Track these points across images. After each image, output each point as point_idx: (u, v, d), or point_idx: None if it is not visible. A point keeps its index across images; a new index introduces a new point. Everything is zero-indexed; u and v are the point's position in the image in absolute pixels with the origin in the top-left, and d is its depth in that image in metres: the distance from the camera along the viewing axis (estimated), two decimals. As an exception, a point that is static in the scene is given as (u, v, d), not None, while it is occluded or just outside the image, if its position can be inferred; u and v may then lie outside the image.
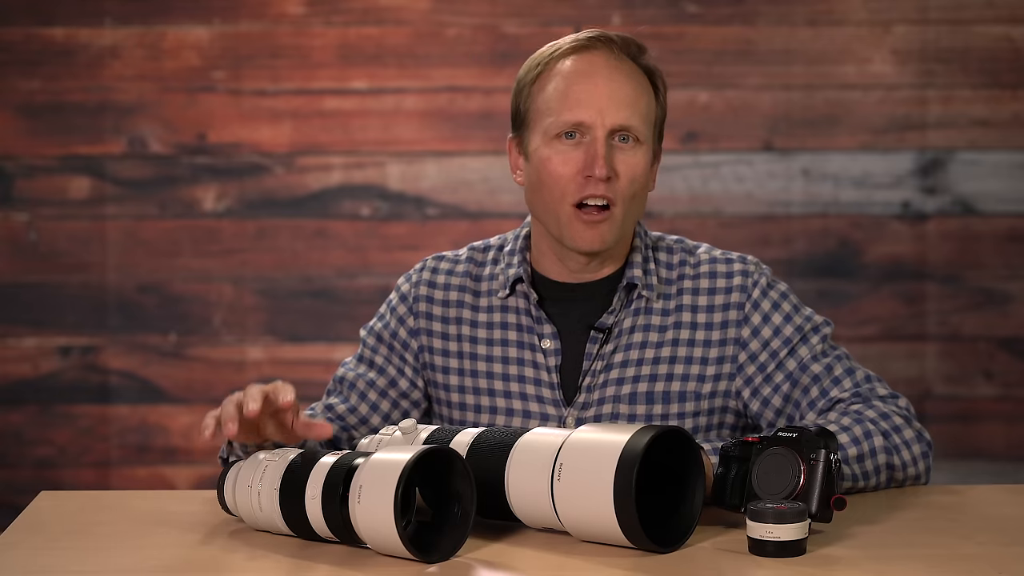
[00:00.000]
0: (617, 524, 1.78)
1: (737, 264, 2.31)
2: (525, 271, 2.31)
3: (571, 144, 2.21)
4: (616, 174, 2.20)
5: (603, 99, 2.20)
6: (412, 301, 2.36)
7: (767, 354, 2.26)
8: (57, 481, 3.86)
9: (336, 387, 2.38)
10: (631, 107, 2.21)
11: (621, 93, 2.21)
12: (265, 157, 3.88)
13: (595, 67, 2.23)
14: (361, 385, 2.35)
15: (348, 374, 2.37)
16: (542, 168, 2.23)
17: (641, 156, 2.23)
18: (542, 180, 2.23)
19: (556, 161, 2.22)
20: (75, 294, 3.89)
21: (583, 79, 2.22)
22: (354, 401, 2.35)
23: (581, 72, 2.22)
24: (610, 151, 2.20)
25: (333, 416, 2.34)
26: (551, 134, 2.22)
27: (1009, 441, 3.90)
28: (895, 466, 2.16)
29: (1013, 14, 3.85)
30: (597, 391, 2.27)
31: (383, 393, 2.35)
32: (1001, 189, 3.87)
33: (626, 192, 2.21)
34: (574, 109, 2.21)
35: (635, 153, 2.22)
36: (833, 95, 3.87)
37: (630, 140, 2.22)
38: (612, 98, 2.21)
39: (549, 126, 2.22)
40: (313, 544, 1.89)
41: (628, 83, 2.23)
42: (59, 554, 1.90)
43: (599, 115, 2.20)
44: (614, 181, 2.20)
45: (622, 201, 2.21)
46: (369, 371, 2.36)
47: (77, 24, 3.86)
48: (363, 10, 3.86)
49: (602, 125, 2.20)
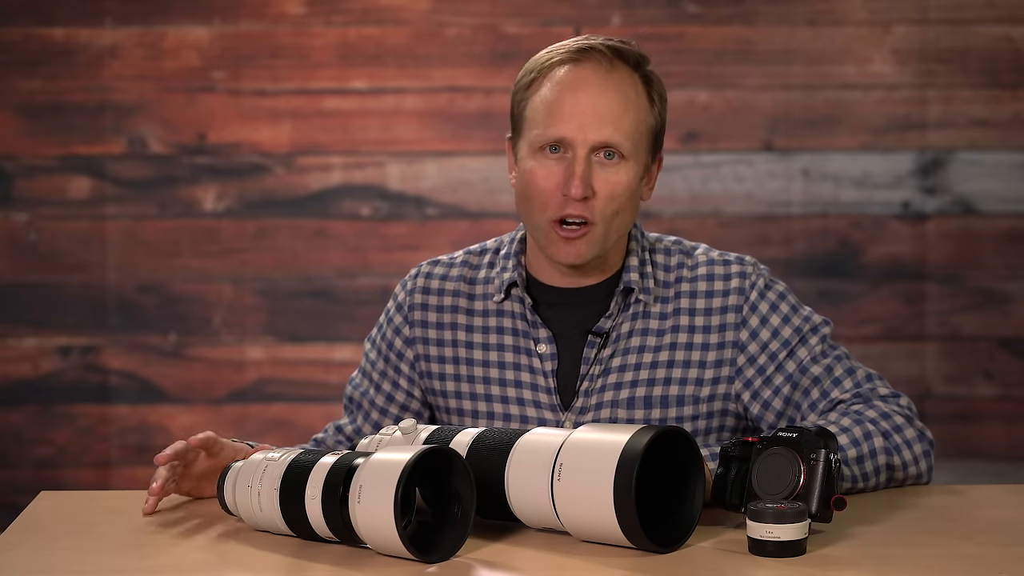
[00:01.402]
0: (617, 524, 1.78)
1: (735, 266, 2.30)
2: (520, 275, 2.30)
3: (555, 159, 2.20)
4: (594, 192, 2.18)
5: (586, 115, 2.18)
6: (408, 310, 2.36)
7: (766, 356, 2.26)
8: (57, 481, 3.86)
9: (347, 405, 2.42)
10: (615, 124, 2.19)
11: (607, 109, 2.19)
12: (265, 157, 3.88)
13: (583, 81, 2.20)
14: (365, 404, 2.39)
15: (354, 393, 2.41)
16: (526, 179, 2.22)
17: (624, 173, 2.20)
18: (526, 191, 2.23)
19: (539, 174, 2.20)
20: (75, 294, 3.89)
21: (569, 92, 2.20)
22: (359, 421, 2.39)
23: (568, 85, 2.20)
24: (591, 168, 2.19)
25: (343, 437, 2.39)
26: (535, 146, 2.21)
27: (1009, 441, 3.90)
28: (895, 466, 2.16)
29: (1013, 14, 3.85)
30: (595, 396, 2.26)
31: (383, 410, 2.37)
32: (1001, 189, 3.87)
33: (605, 210, 2.19)
34: (556, 124, 2.19)
35: (618, 170, 2.20)
36: (833, 95, 3.86)
37: (614, 157, 2.20)
38: (596, 114, 2.18)
39: (534, 138, 2.21)
40: (313, 544, 1.89)
41: (615, 98, 2.20)
42: (59, 554, 1.90)
43: (581, 131, 2.18)
44: (592, 200, 2.18)
45: (602, 219, 2.20)
46: (369, 387, 2.39)
47: (77, 24, 3.86)
48: (363, 10, 3.86)
49: (584, 142, 2.18)
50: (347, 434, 2.38)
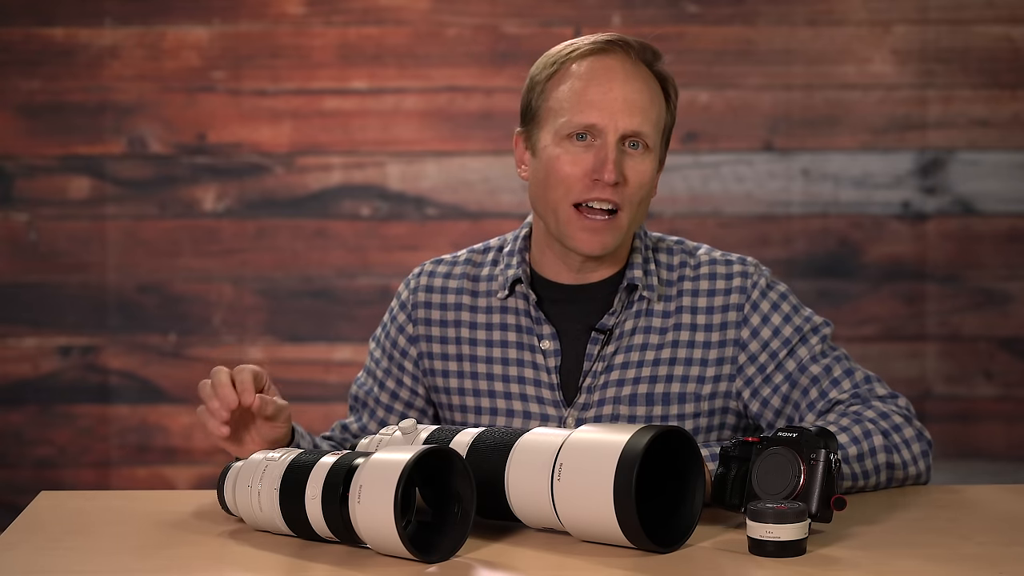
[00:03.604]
0: (617, 524, 1.78)
1: (737, 265, 2.31)
2: (524, 272, 2.31)
3: (582, 146, 2.21)
4: (625, 179, 2.21)
5: (617, 103, 2.20)
6: (411, 308, 2.37)
7: (766, 355, 2.26)
8: (57, 481, 3.86)
9: (352, 404, 2.43)
10: (643, 114, 2.22)
11: (636, 98, 2.21)
12: (265, 157, 3.88)
13: (612, 71, 2.22)
14: (370, 403, 2.40)
15: (359, 391, 2.42)
16: (550, 166, 2.23)
17: (649, 163, 2.23)
18: (548, 178, 2.23)
19: (565, 160, 2.21)
20: (75, 294, 3.89)
21: (599, 82, 2.22)
22: (365, 419, 2.40)
23: (598, 74, 2.22)
24: (620, 156, 2.20)
25: (349, 436, 2.40)
26: (563, 134, 2.22)
27: (1009, 441, 3.90)
28: (895, 465, 2.16)
29: (1013, 14, 3.85)
30: (597, 392, 2.27)
31: (389, 408, 2.38)
32: (1001, 189, 3.87)
33: (634, 197, 2.22)
34: (587, 111, 2.21)
35: (644, 159, 2.22)
36: (833, 95, 3.86)
37: (640, 147, 2.22)
38: (626, 103, 2.21)
39: (561, 126, 2.22)
40: (313, 544, 1.89)
41: (644, 89, 2.23)
42: (59, 554, 1.90)
43: (612, 119, 2.20)
44: (622, 186, 2.20)
45: (629, 206, 2.22)
46: (374, 386, 2.40)
47: (77, 24, 3.86)
48: (363, 10, 3.86)
49: (614, 130, 2.20)
50: (353, 432, 2.40)
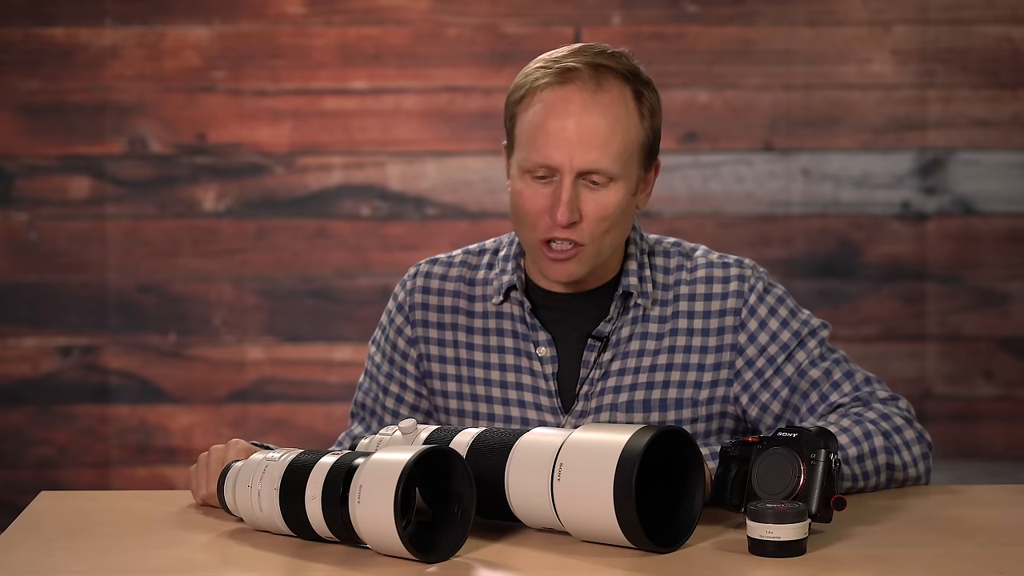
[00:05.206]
0: (617, 524, 1.78)
1: (733, 268, 2.29)
2: (519, 278, 2.30)
3: (542, 182, 2.19)
4: (581, 216, 2.17)
5: (572, 140, 2.16)
6: (408, 310, 2.36)
7: (764, 360, 2.25)
8: (57, 481, 3.86)
9: (357, 412, 2.40)
10: (602, 148, 2.16)
11: (594, 132, 2.16)
12: (265, 157, 3.88)
13: (569, 104, 2.17)
14: (378, 409, 2.38)
15: (365, 399, 2.39)
16: (515, 199, 2.21)
17: (613, 194, 2.18)
18: (516, 211, 2.22)
19: (527, 195, 2.19)
20: (75, 294, 3.89)
21: (556, 115, 2.17)
22: (374, 426, 2.38)
23: (556, 108, 2.17)
24: (577, 193, 2.17)
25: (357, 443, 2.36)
26: (524, 168, 2.20)
27: (1009, 441, 3.90)
28: (895, 466, 2.16)
29: (1013, 14, 3.85)
30: (595, 399, 2.26)
31: (395, 413, 2.35)
32: (1001, 189, 3.87)
33: (594, 231, 2.18)
34: (542, 150, 2.17)
35: (607, 192, 2.18)
36: (833, 95, 3.87)
37: (601, 181, 2.18)
38: (582, 139, 2.16)
39: (522, 161, 2.20)
40: (313, 544, 1.89)
41: (602, 121, 2.17)
42: (59, 554, 1.90)
43: (568, 157, 2.16)
44: (579, 224, 2.17)
45: (592, 240, 2.19)
46: (379, 392, 2.37)
47: (77, 24, 3.86)
48: (363, 10, 3.86)
49: (570, 169, 2.16)
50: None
